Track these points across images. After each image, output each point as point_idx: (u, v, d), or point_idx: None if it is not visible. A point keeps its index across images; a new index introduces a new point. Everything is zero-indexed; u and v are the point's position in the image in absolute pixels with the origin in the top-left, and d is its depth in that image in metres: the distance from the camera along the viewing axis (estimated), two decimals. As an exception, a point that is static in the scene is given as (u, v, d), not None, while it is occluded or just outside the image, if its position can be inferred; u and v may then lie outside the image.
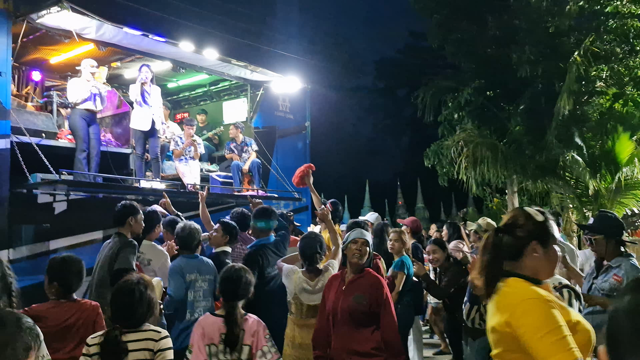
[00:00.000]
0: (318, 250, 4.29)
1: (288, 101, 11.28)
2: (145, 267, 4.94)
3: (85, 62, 7.80)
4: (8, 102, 6.91)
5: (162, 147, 8.93)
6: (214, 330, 3.36)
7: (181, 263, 4.60)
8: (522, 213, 2.17)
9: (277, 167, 10.45)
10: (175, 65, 9.36)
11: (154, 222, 5.21)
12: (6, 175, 6.69)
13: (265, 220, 5.07)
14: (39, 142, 7.26)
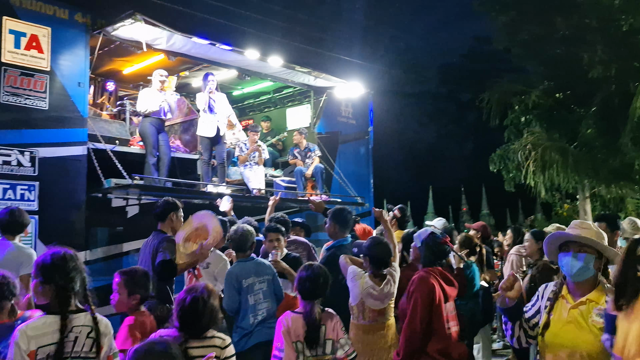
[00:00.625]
0: (392, 256, 4.28)
1: (351, 107, 11.31)
2: (204, 269, 5.06)
3: (156, 72, 8.12)
4: (85, 110, 7.27)
5: (228, 153, 9.15)
6: (298, 327, 3.44)
7: (235, 270, 4.63)
8: None
9: (340, 172, 10.48)
10: (241, 73, 9.58)
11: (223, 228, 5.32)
12: (83, 180, 7.04)
13: (343, 221, 5.08)
14: (113, 148, 7.60)
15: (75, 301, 2.71)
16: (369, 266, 4.27)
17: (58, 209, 6.76)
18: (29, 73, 6.70)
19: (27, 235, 6.48)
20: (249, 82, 10.56)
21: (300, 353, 3.41)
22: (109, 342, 2.72)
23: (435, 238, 3.78)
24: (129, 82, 10.12)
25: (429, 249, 3.78)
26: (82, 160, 7.06)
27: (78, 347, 2.61)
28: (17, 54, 6.63)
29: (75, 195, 6.97)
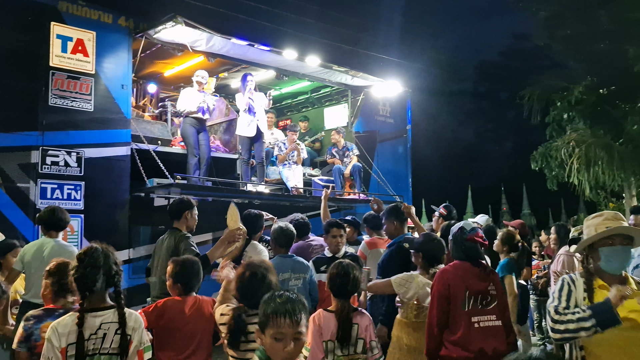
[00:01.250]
0: (445, 252, 4.25)
1: (388, 105, 11.27)
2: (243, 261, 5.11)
3: (197, 72, 8.25)
4: (129, 112, 7.45)
5: (267, 152, 9.24)
6: (330, 326, 3.41)
7: (274, 262, 4.67)
8: None
9: (378, 171, 10.46)
10: (279, 74, 9.65)
11: (259, 223, 5.39)
12: (127, 179, 7.22)
13: (401, 216, 5.08)
14: (156, 148, 7.76)
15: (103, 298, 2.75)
16: (422, 262, 4.22)
17: (103, 208, 6.96)
18: (75, 76, 6.91)
19: (74, 233, 6.71)
20: (286, 82, 10.64)
21: (330, 352, 3.38)
22: (138, 337, 2.73)
23: (462, 233, 3.72)
24: (170, 84, 10.32)
25: (456, 244, 3.74)
26: (125, 160, 7.24)
27: (107, 344, 2.65)
28: (64, 58, 6.85)
29: (119, 194, 7.16)
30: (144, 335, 2.75)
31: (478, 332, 3.47)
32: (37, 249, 4.74)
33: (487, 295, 3.56)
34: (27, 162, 6.52)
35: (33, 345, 3.03)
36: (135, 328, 2.71)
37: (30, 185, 6.50)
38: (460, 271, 3.61)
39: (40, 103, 6.63)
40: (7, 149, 6.41)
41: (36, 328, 3.05)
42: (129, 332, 2.69)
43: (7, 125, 6.43)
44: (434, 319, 3.54)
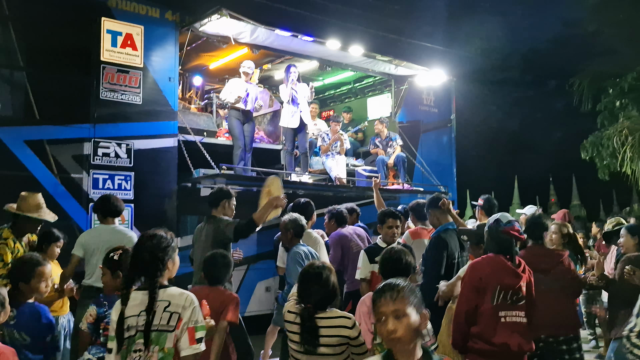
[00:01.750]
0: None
1: (432, 95, 11.14)
2: None
3: (244, 63, 8.39)
4: (176, 104, 7.62)
5: (310, 143, 9.29)
6: None
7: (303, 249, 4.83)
8: None
9: (422, 161, 10.37)
10: (322, 64, 9.68)
11: (309, 210, 5.46)
12: (174, 170, 7.40)
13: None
14: (201, 140, 7.92)
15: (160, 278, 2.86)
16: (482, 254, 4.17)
17: (151, 198, 7.15)
18: (124, 70, 7.10)
19: (124, 222, 6.93)
20: (329, 72, 10.66)
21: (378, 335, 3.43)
22: (189, 315, 2.79)
23: (497, 225, 3.66)
24: (215, 76, 10.48)
25: (491, 236, 3.69)
26: (173, 151, 7.42)
27: (156, 321, 2.75)
28: (114, 52, 7.04)
29: (167, 184, 7.34)
30: (195, 315, 2.81)
31: (504, 327, 3.44)
32: (96, 235, 4.92)
33: (518, 291, 3.51)
34: (80, 154, 6.76)
35: (104, 327, 3.18)
36: (186, 307, 2.78)
37: (83, 175, 6.74)
38: (493, 264, 3.56)
39: (92, 96, 6.85)
40: (61, 141, 6.66)
41: (109, 312, 3.18)
42: (178, 311, 2.76)
43: (61, 118, 6.68)
44: (462, 310, 3.53)
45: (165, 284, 2.87)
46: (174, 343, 2.74)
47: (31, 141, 6.45)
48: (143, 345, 2.71)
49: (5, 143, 6.28)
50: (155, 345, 2.71)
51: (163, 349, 2.72)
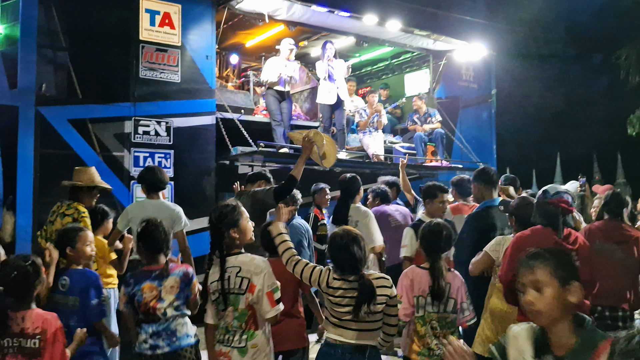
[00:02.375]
0: None
1: (472, 70, 10.91)
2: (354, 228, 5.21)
3: (284, 41, 8.34)
4: (213, 82, 7.66)
5: (347, 120, 9.24)
6: (423, 282, 3.47)
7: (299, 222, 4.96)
8: None
9: (461, 138, 10.21)
10: (359, 40, 9.57)
11: (356, 185, 5.45)
12: (213, 147, 7.48)
13: (487, 180, 4.88)
14: (239, 117, 7.96)
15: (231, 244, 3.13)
16: (515, 226, 4.10)
17: (191, 176, 7.25)
18: (162, 49, 7.17)
19: (165, 199, 7.04)
20: (366, 49, 10.54)
21: (421, 308, 3.44)
22: (262, 281, 3.01)
23: (544, 196, 3.56)
24: (251, 54, 10.49)
25: (537, 207, 3.59)
26: (211, 129, 7.48)
27: (231, 285, 3.02)
28: (152, 31, 7.11)
29: (206, 162, 7.42)
30: (269, 279, 3.03)
31: None
32: (140, 209, 4.91)
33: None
34: (121, 132, 6.88)
35: (137, 305, 3.26)
36: (257, 273, 3.01)
37: (124, 153, 6.87)
38: (538, 237, 3.44)
39: (131, 75, 6.94)
40: (103, 119, 6.79)
41: (137, 289, 3.26)
42: (248, 276, 3.00)
43: (103, 97, 6.80)
44: (502, 279, 3.47)
45: (238, 250, 3.11)
46: (246, 304, 2.99)
47: (74, 120, 6.59)
48: (223, 305, 3.01)
49: (50, 122, 6.44)
50: (231, 306, 3.00)
51: (237, 309, 2.99)
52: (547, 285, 1.92)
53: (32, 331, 2.82)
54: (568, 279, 1.92)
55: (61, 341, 2.87)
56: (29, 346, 2.80)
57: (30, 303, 2.92)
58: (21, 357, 2.80)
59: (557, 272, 1.92)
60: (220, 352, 3.02)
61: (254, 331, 3.00)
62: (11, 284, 2.86)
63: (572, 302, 1.90)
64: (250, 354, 2.96)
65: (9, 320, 2.82)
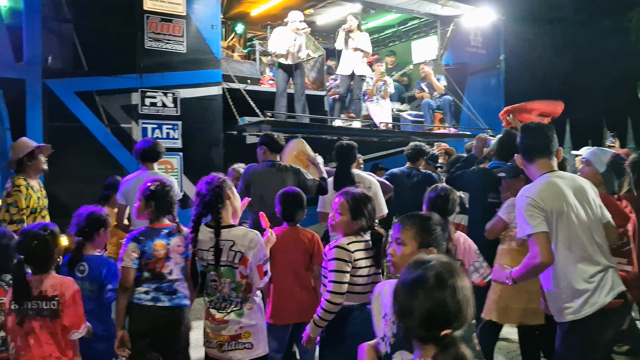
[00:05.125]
0: None
1: (480, 35, 10.76)
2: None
3: (293, 14, 8.16)
4: (219, 52, 7.61)
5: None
6: None
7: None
8: None
9: (469, 105, 10.13)
10: (365, 7, 9.45)
11: (353, 153, 5.44)
12: (220, 118, 7.46)
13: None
14: (245, 87, 7.92)
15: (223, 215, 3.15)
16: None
17: (199, 146, 7.26)
18: (167, 19, 7.10)
19: (174, 170, 7.09)
20: (373, 15, 10.39)
21: None
22: (254, 254, 3.06)
23: (620, 159, 3.52)
24: (257, 23, 10.37)
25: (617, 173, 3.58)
26: (218, 99, 7.46)
27: (224, 257, 3.08)
28: (156, 1, 7.04)
29: (213, 133, 7.42)
30: (260, 252, 3.09)
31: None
32: (136, 181, 4.88)
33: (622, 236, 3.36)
34: (129, 104, 6.87)
35: (145, 263, 3.33)
36: (251, 247, 3.07)
37: (132, 125, 6.88)
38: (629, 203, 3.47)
39: (137, 46, 6.90)
40: (110, 91, 6.77)
41: (148, 247, 3.32)
42: (242, 250, 3.05)
43: (109, 69, 6.77)
44: None
45: (230, 223, 3.15)
46: (241, 276, 3.07)
47: (81, 92, 6.58)
48: (215, 276, 3.09)
49: (57, 95, 6.44)
50: (227, 278, 3.07)
51: (234, 281, 3.07)
52: (407, 244, 2.24)
53: (51, 293, 2.92)
54: (427, 245, 2.23)
55: (79, 304, 2.97)
56: (47, 307, 2.90)
57: (49, 269, 3.03)
58: (40, 319, 2.91)
59: (418, 236, 2.25)
60: (216, 318, 3.11)
61: (248, 294, 3.13)
62: (31, 252, 2.96)
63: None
64: (247, 314, 3.11)
65: (30, 284, 2.92)
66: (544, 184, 2.96)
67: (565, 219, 2.90)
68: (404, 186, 5.97)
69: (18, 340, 2.91)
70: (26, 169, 4.73)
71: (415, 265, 1.66)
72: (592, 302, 2.87)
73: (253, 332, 3.11)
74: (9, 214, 4.46)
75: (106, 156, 6.64)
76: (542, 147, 3.08)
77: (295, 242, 3.78)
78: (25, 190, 4.57)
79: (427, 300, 1.56)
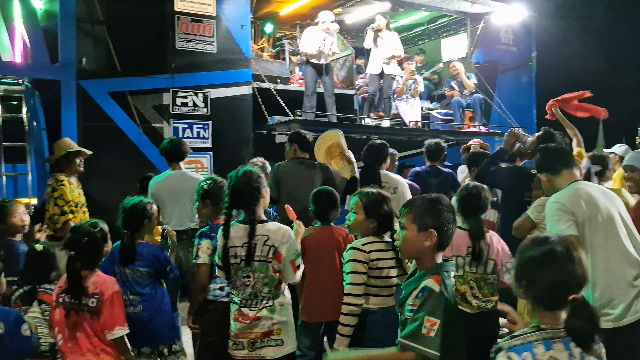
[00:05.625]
0: None
1: (511, 33, 10.61)
2: (392, 195, 5.18)
3: (324, 15, 8.13)
4: (249, 52, 7.67)
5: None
6: (462, 242, 3.47)
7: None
8: None
9: (500, 103, 9.99)
10: (394, 5, 9.40)
11: (386, 153, 5.42)
12: (249, 117, 7.51)
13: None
14: (275, 87, 7.96)
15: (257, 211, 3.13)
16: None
17: (229, 146, 7.31)
18: (198, 19, 7.18)
19: (204, 169, 7.15)
20: (402, 14, 10.36)
21: (460, 267, 3.45)
22: (287, 249, 3.06)
23: None
24: (286, 22, 10.41)
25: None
26: (248, 99, 7.51)
27: (257, 252, 3.06)
28: (187, 2, 7.12)
29: (243, 132, 7.47)
30: (293, 247, 3.10)
31: None
32: (164, 181, 5.00)
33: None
34: (160, 104, 6.97)
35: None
36: (284, 242, 3.06)
37: (163, 125, 6.97)
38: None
39: (168, 47, 6.99)
40: (142, 91, 6.88)
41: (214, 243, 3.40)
42: (276, 245, 3.05)
43: (142, 70, 6.88)
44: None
45: (263, 218, 3.15)
46: (274, 271, 3.06)
47: (114, 93, 6.70)
48: (250, 272, 3.06)
49: (91, 95, 6.56)
50: (260, 273, 3.04)
51: (267, 276, 3.05)
52: (407, 227, 2.25)
53: (92, 291, 2.97)
54: (427, 227, 2.21)
55: (117, 305, 2.99)
56: (88, 304, 2.96)
57: (95, 267, 3.08)
58: (83, 314, 2.96)
59: (417, 219, 2.24)
60: (249, 316, 3.08)
61: (279, 290, 3.13)
62: (81, 248, 3.01)
63: (427, 245, 2.21)
64: (278, 310, 3.09)
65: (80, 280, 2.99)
66: (573, 191, 3.02)
67: (598, 224, 2.92)
68: (430, 185, 5.91)
69: (66, 333, 2.98)
70: (64, 168, 4.93)
71: (538, 242, 1.83)
72: (635, 310, 2.83)
73: (284, 328, 3.11)
74: (58, 206, 4.70)
75: (138, 155, 6.74)
76: (565, 159, 3.20)
77: (329, 240, 3.77)
78: (68, 185, 4.79)
79: (560, 271, 1.75)
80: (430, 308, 2.07)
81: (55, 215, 4.69)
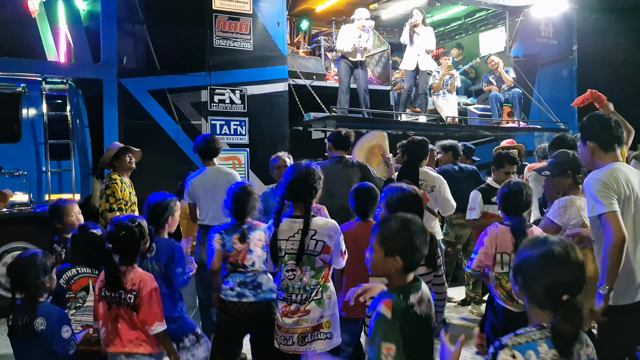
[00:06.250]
0: None
1: (551, 26, 10.38)
2: (429, 193, 5.16)
3: (360, 12, 8.13)
4: (285, 49, 7.71)
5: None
6: (507, 239, 3.48)
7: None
8: None
9: (540, 97, 9.79)
10: (431, 0, 9.30)
11: (426, 150, 5.39)
12: (286, 114, 7.56)
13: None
14: (311, 83, 7.98)
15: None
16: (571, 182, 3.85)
17: (265, 142, 7.36)
18: (235, 17, 7.26)
19: (241, 166, 7.24)
20: (439, 8, 10.26)
21: (505, 264, 3.44)
22: (335, 242, 3.15)
23: None
24: (322, 19, 10.42)
25: None
26: (284, 95, 7.56)
27: (305, 246, 3.12)
28: (224, 0, 7.21)
29: (280, 128, 7.52)
30: (341, 241, 3.20)
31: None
32: (199, 177, 5.07)
33: None
34: (198, 101, 7.08)
35: (226, 256, 3.56)
36: (332, 235, 3.14)
37: (202, 122, 7.07)
38: None
39: (206, 45, 7.09)
40: (181, 89, 7.00)
41: (228, 240, 3.54)
42: (324, 239, 3.12)
43: (180, 68, 7.00)
44: None
45: (313, 214, 3.22)
46: (323, 263, 3.15)
47: (154, 90, 6.83)
48: (295, 266, 3.11)
49: (132, 93, 6.71)
50: (307, 266, 3.12)
51: (314, 269, 3.13)
52: (375, 250, 2.27)
53: (130, 287, 3.03)
54: (393, 253, 2.19)
55: (154, 302, 3.04)
56: (127, 299, 3.03)
57: (133, 262, 3.13)
58: (122, 307, 3.03)
59: (383, 243, 2.24)
60: (299, 310, 3.13)
61: (328, 283, 3.21)
62: (119, 243, 3.08)
63: (394, 268, 2.20)
64: (326, 303, 3.16)
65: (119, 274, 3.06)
66: (614, 170, 3.00)
67: (631, 204, 2.94)
68: (459, 181, 5.96)
69: (109, 325, 3.06)
70: (116, 168, 5.22)
71: (538, 243, 1.85)
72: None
73: (332, 321, 3.18)
74: (109, 203, 5.00)
75: (177, 152, 6.87)
76: (621, 139, 3.16)
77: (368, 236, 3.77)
78: (120, 184, 5.07)
79: (557, 272, 1.76)
80: (383, 334, 2.06)
81: (105, 212, 4.97)
